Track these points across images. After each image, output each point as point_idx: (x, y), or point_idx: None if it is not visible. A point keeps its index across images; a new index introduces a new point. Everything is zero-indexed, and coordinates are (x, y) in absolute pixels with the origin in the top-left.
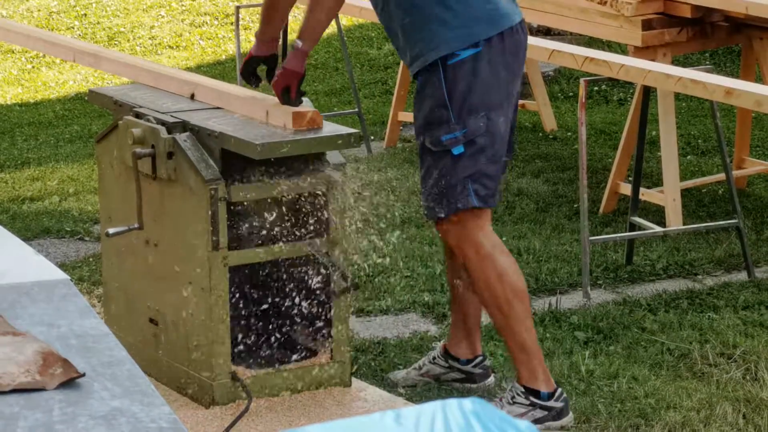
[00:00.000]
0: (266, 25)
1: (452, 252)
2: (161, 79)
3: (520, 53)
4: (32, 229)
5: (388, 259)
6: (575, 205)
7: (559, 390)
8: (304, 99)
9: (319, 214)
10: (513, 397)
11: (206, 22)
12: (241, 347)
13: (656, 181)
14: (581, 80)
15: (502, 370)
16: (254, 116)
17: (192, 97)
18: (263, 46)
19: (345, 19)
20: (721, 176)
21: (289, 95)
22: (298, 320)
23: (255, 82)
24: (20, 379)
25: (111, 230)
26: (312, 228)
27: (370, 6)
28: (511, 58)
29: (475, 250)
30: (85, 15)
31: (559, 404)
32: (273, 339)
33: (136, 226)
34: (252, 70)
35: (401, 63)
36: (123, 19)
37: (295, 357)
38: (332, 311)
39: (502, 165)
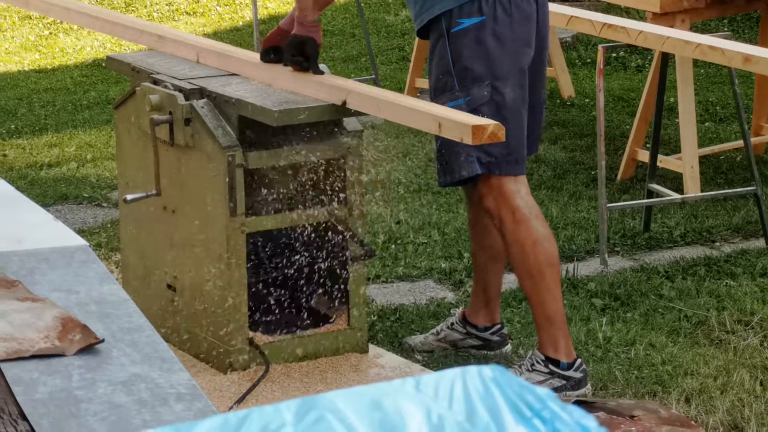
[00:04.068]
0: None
1: (475, 220)
2: (308, 84)
3: (531, 23)
4: (50, 195)
5: (404, 226)
6: (593, 172)
7: (579, 360)
8: (323, 66)
9: (336, 180)
10: (532, 365)
11: None
12: (258, 313)
13: (674, 148)
14: (599, 46)
15: (519, 337)
16: (425, 128)
17: (344, 104)
18: (305, 27)
19: None
20: (739, 143)
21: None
22: (316, 286)
23: (306, 66)
24: (40, 344)
25: (129, 196)
26: (329, 195)
27: None
28: (520, 27)
29: (511, 215)
30: None
31: (578, 374)
32: (290, 305)
33: (153, 192)
34: (297, 51)
35: None
36: None
37: (312, 323)
38: (349, 278)
39: (521, 133)
